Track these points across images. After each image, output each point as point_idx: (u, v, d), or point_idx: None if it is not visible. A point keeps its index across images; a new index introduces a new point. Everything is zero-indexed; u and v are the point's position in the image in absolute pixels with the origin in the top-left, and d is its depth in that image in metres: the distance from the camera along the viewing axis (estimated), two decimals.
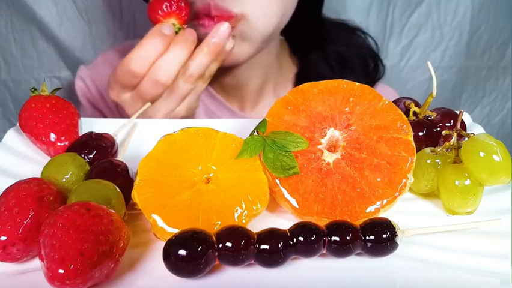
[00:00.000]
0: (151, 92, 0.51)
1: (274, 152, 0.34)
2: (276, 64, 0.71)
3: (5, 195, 0.30)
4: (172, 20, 0.52)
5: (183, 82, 0.52)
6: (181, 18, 0.53)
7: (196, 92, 0.55)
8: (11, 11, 0.76)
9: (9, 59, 0.79)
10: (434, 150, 0.37)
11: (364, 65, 0.75)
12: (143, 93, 0.52)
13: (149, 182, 0.32)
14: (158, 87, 0.51)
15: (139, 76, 0.51)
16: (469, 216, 0.35)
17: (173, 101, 0.53)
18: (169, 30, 0.51)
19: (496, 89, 0.93)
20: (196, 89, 0.55)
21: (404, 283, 0.30)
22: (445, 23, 0.86)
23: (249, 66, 0.64)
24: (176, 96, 0.53)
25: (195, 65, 0.52)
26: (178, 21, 0.53)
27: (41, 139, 0.39)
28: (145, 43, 0.50)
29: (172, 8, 0.52)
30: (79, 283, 0.26)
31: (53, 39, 0.78)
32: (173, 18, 0.52)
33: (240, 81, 0.68)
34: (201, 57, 0.52)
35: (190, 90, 0.53)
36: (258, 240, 0.29)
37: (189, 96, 0.54)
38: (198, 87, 0.55)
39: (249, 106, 0.71)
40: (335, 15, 0.76)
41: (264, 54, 0.64)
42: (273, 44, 0.67)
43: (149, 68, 0.50)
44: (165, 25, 0.52)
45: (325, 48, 0.74)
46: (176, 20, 0.53)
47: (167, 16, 0.53)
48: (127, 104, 0.54)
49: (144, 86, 0.51)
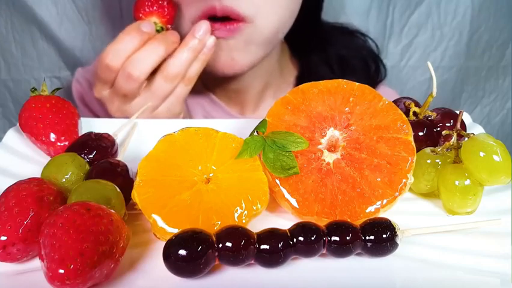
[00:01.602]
0: (126, 87, 0.51)
1: (274, 152, 0.34)
2: (277, 68, 0.71)
3: (5, 195, 0.30)
4: (153, 19, 0.53)
5: (162, 81, 0.51)
6: (163, 17, 0.53)
7: (176, 95, 0.54)
8: (11, 11, 0.76)
9: (9, 59, 0.79)
10: (434, 150, 0.37)
11: (365, 67, 0.75)
12: (118, 89, 0.51)
13: (149, 182, 0.32)
14: (132, 82, 0.50)
15: (114, 70, 0.50)
16: (469, 216, 0.35)
17: (151, 100, 0.52)
18: (148, 28, 0.51)
19: (496, 89, 0.93)
20: (177, 92, 0.54)
21: (404, 283, 0.30)
22: (445, 23, 0.86)
23: (252, 71, 0.63)
24: (155, 96, 0.52)
25: (173, 63, 0.51)
26: (159, 21, 0.53)
27: (41, 139, 0.39)
28: (121, 38, 0.50)
29: (153, 7, 0.52)
30: (79, 283, 0.26)
31: (53, 39, 0.78)
32: (154, 17, 0.53)
33: (241, 86, 0.67)
34: (180, 55, 0.51)
35: (170, 91, 0.52)
36: (258, 240, 0.29)
37: (170, 97, 0.53)
38: (180, 89, 0.54)
39: (250, 110, 0.70)
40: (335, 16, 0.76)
41: (267, 59, 0.64)
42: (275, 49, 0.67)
43: (123, 63, 0.50)
44: (145, 22, 0.52)
45: (325, 50, 0.73)
46: (158, 19, 0.53)
47: (149, 15, 0.53)
48: (107, 100, 0.54)
49: (118, 81, 0.51)
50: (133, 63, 0.50)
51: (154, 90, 0.52)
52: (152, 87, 0.52)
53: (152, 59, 0.50)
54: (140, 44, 0.50)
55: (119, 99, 0.52)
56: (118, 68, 0.50)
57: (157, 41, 0.51)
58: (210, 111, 0.69)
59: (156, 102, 0.53)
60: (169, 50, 0.51)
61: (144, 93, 0.52)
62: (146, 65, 0.50)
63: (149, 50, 0.50)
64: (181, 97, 0.54)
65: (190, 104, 0.70)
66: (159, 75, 0.51)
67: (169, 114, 0.55)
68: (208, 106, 0.69)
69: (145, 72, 0.50)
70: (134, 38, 0.50)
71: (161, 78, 0.51)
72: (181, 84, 0.53)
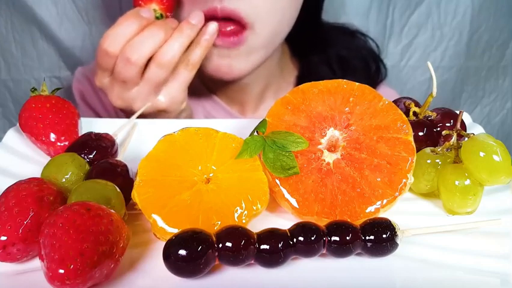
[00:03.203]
0: (125, 73, 0.50)
1: (274, 152, 0.34)
2: (277, 68, 0.71)
3: (5, 195, 0.30)
4: (153, 6, 0.52)
5: (155, 67, 0.51)
6: (162, 4, 0.53)
7: (179, 81, 0.53)
8: (11, 11, 0.76)
9: (9, 59, 0.79)
10: (434, 150, 0.37)
11: (366, 67, 0.75)
12: (117, 74, 0.51)
13: (149, 182, 0.32)
14: (130, 66, 0.49)
15: (112, 56, 0.50)
16: (469, 216, 0.35)
17: (146, 88, 0.51)
18: (147, 14, 0.51)
19: (496, 89, 0.93)
20: (180, 77, 0.53)
21: (404, 283, 0.30)
22: (445, 23, 0.86)
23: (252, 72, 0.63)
24: (150, 82, 0.51)
25: (166, 49, 0.50)
26: (159, 8, 0.52)
27: (41, 139, 0.39)
28: (119, 23, 0.50)
29: None
30: (79, 283, 0.26)
31: (53, 39, 0.78)
32: (154, 4, 0.52)
33: (242, 87, 0.67)
34: (172, 42, 0.50)
35: (165, 77, 0.52)
36: (258, 240, 0.29)
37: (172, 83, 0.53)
38: (181, 75, 0.53)
39: (250, 110, 0.70)
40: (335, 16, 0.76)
41: (267, 60, 0.64)
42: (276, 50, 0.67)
43: (122, 48, 0.49)
44: (144, 9, 0.51)
45: (326, 51, 0.73)
46: (157, 6, 0.52)
47: (148, 2, 0.52)
48: (107, 88, 0.53)
49: (117, 66, 0.50)
50: (132, 47, 0.49)
51: (149, 77, 0.51)
52: (147, 74, 0.51)
53: (150, 44, 0.50)
54: (138, 29, 0.50)
55: (118, 85, 0.52)
56: (116, 53, 0.50)
57: (156, 27, 0.50)
58: (211, 111, 0.69)
59: (152, 90, 0.52)
60: (168, 36, 0.51)
61: (141, 81, 0.51)
62: (145, 49, 0.49)
63: (147, 35, 0.50)
64: (184, 82, 0.53)
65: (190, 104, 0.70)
66: (153, 61, 0.50)
67: (173, 104, 0.54)
68: (208, 106, 0.69)
69: (144, 56, 0.49)
70: (132, 23, 0.50)
71: (155, 64, 0.50)
72: (183, 70, 0.53)
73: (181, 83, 0.53)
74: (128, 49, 0.49)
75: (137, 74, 0.50)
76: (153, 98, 0.53)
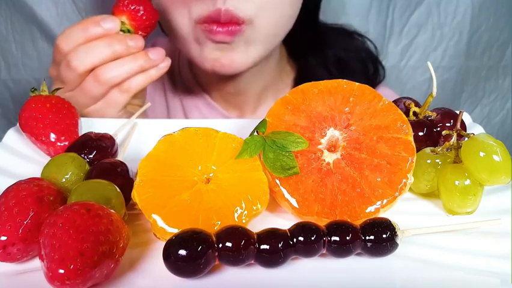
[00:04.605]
0: (63, 74, 0.49)
1: (274, 152, 0.34)
2: (275, 70, 0.70)
3: (5, 195, 0.30)
4: (123, 18, 0.50)
5: (91, 80, 0.49)
6: (133, 20, 0.51)
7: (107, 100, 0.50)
8: (11, 11, 0.76)
9: (9, 59, 0.79)
10: (434, 150, 0.37)
11: (364, 68, 0.74)
12: (60, 73, 0.50)
13: (149, 182, 0.32)
14: (69, 70, 0.48)
15: (61, 53, 0.49)
16: (469, 216, 0.35)
17: (81, 95, 0.50)
18: (109, 25, 0.49)
19: (496, 89, 0.93)
20: (109, 97, 0.50)
21: (404, 283, 0.30)
22: (445, 23, 0.86)
23: (250, 74, 0.63)
24: (82, 92, 0.50)
25: (108, 67, 0.48)
26: (129, 23, 0.51)
27: (41, 139, 0.39)
28: (77, 25, 0.49)
29: (128, 7, 0.50)
30: (79, 283, 0.26)
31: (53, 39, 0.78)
32: (124, 17, 0.50)
33: (240, 89, 0.67)
34: (120, 62, 0.49)
35: (98, 93, 0.49)
36: (258, 240, 0.29)
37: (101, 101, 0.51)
38: (113, 96, 0.50)
39: (248, 113, 0.70)
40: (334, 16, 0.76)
41: (265, 62, 0.63)
42: (274, 51, 0.66)
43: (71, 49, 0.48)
44: (108, 18, 0.49)
45: (323, 52, 0.73)
46: (127, 20, 0.50)
47: (120, 13, 0.51)
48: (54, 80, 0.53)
49: (61, 66, 0.49)
50: (76, 53, 0.48)
51: (83, 86, 0.50)
52: (83, 83, 0.49)
53: (96, 55, 0.48)
54: (92, 36, 0.48)
55: (59, 83, 0.51)
56: (64, 52, 0.49)
57: (110, 39, 0.48)
58: (207, 115, 0.69)
59: (83, 100, 0.50)
60: (120, 53, 0.49)
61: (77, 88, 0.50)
62: (88, 58, 0.48)
63: (96, 45, 0.48)
64: (113, 103, 0.51)
65: (186, 106, 0.70)
66: (92, 73, 0.49)
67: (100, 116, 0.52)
68: (204, 109, 0.69)
69: (85, 64, 0.48)
70: (87, 30, 0.48)
71: (91, 77, 0.49)
72: (115, 91, 0.50)
73: (108, 102, 0.51)
74: (73, 54, 0.48)
75: (74, 79, 0.49)
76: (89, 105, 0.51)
